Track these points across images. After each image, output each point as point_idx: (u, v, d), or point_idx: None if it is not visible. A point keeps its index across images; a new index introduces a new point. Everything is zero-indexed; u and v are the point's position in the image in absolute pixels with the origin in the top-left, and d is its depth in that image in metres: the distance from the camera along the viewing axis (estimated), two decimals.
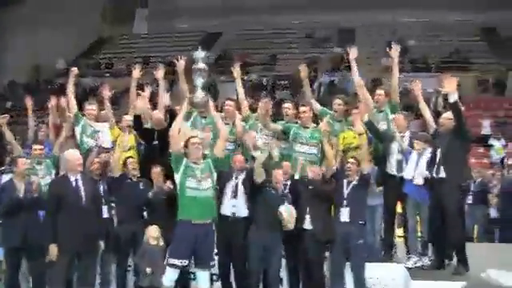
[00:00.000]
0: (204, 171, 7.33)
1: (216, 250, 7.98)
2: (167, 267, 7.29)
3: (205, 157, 7.51)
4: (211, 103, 7.83)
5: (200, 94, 7.59)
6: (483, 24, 28.68)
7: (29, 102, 9.84)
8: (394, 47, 8.85)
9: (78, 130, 9.03)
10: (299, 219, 7.86)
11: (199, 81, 7.58)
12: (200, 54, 7.63)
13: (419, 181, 8.00)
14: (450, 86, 7.58)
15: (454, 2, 28.65)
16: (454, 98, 7.61)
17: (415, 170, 8.02)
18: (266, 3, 31.40)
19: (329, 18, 31.05)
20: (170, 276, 7.27)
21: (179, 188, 7.35)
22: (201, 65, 7.57)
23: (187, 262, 7.28)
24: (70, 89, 9.14)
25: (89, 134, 9.03)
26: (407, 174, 8.09)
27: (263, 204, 7.83)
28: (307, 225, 7.85)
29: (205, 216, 7.29)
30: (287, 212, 7.64)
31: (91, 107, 9.21)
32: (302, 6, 30.83)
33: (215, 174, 7.49)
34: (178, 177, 7.35)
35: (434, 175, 7.82)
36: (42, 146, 8.92)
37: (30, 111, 9.95)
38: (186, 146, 7.37)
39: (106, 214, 8.23)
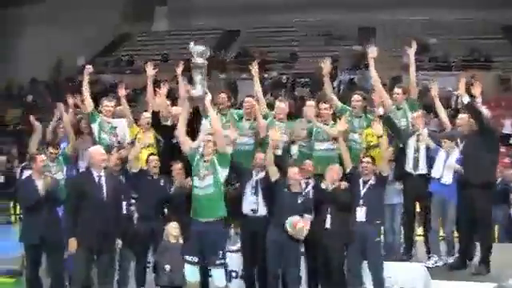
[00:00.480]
0: (208, 169, 7.31)
1: (234, 248, 8.00)
2: (185, 263, 7.31)
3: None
4: (208, 99, 7.76)
5: (198, 90, 7.52)
6: (505, 22, 28.34)
7: (60, 109, 9.69)
8: (411, 44, 8.78)
9: (95, 127, 9.02)
10: (321, 220, 7.84)
11: (197, 76, 7.51)
12: (196, 48, 7.54)
13: (448, 180, 7.92)
14: (462, 87, 7.69)
15: (475, 0, 28.38)
16: (466, 99, 7.60)
17: (444, 169, 7.93)
18: (285, 1, 31.37)
19: (349, 15, 30.93)
20: (188, 271, 7.29)
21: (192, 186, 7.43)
22: (199, 60, 7.50)
23: (197, 258, 7.29)
24: (85, 87, 9.07)
25: (106, 131, 9.04)
26: (435, 172, 8.01)
27: (278, 203, 7.83)
28: (328, 224, 7.81)
29: (207, 215, 7.32)
30: (291, 228, 7.60)
31: (109, 103, 9.22)
32: (322, 3, 30.74)
33: (222, 171, 7.43)
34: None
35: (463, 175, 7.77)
36: (57, 151, 8.92)
37: (55, 117, 9.86)
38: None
39: (125, 210, 8.26)
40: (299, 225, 7.57)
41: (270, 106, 9.22)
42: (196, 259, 7.31)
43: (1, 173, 17.60)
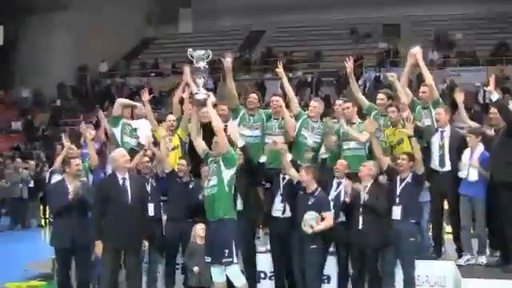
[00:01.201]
0: (212, 169, 7.30)
1: (263, 249, 8.02)
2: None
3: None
4: (210, 102, 7.75)
5: (201, 93, 7.54)
6: None
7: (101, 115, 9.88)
8: (415, 50, 8.71)
9: (117, 131, 9.07)
10: (353, 221, 7.80)
11: (199, 80, 7.56)
12: (196, 52, 7.60)
13: (473, 177, 7.82)
14: (492, 84, 7.57)
15: None
16: (494, 97, 7.52)
17: (469, 167, 7.84)
18: (309, 0, 31.35)
19: (373, 13, 30.80)
20: (215, 272, 7.28)
21: None
22: (201, 64, 7.54)
23: (210, 258, 7.27)
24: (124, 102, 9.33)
25: (129, 134, 9.10)
26: (461, 172, 7.93)
27: (295, 205, 7.84)
28: (360, 225, 7.76)
29: (211, 214, 7.25)
30: (303, 222, 7.60)
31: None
32: (346, 1, 30.65)
33: (226, 171, 7.25)
34: None
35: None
36: (80, 162, 9.02)
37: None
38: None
39: (152, 213, 8.31)
40: (307, 221, 7.55)
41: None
42: (209, 259, 7.30)
43: (30, 177, 17.83)
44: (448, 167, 8.07)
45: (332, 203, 7.86)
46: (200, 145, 7.58)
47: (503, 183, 7.50)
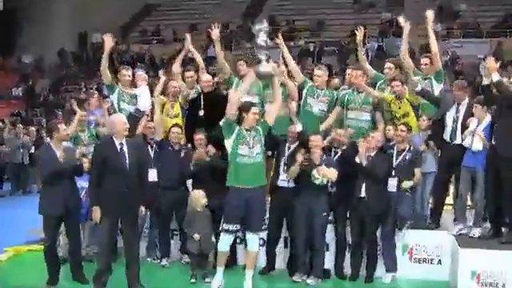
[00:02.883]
0: (255, 138, 7.31)
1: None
2: (221, 233, 7.34)
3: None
4: (280, 70, 7.75)
5: (264, 66, 7.46)
6: None
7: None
8: (428, 13, 8.64)
9: (114, 97, 9.03)
10: (352, 189, 7.86)
11: (262, 56, 7.45)
12: (260, 26, 7.50)
13: (477, 146, 7.79)
14: (492, 66, 7.45)
15: None
16: (495, 77, 7.43)
17: (473, 137, 7.82)
18: None
19: None
20: (225, 241, 7.32)
21: (231, 154, 7.31)
22: (261, 39, 7.43)
23: (239, 226, 7.35)
24: (104, 59, 8.90)
25: (127, 101, 9.04)
26: (466, 141, 7.91)
27: (301, 171, 7.81)
28: (363, 193, 7.81)
29: (255, 181, 7.28)
30: (320, 174, 7.64)
31: (127, 73, 9.19)
32: None
33: (263, 139, 7.42)
34: (229, 143, 7.29)
35: (493, 142, 7.63)
36: (85, 113, 9.06)
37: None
38: (242, 112, 7.32)
39: (155, 178, 8.42)
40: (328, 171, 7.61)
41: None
42: (238, 227, 7.33)
43: (31, 143, 17.84)
44: (459, 140, 8.05)
45: None
46: (235, 109, 7.29)
47: (502, 155, 7.49)
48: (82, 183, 8.13)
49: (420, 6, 28.59)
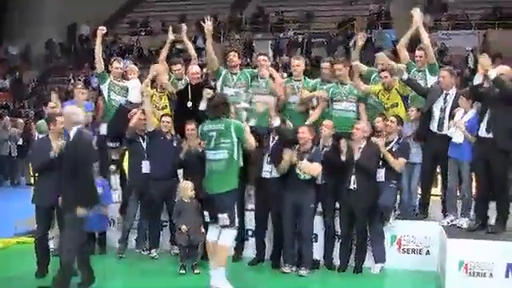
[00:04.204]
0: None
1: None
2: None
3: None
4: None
5: (276, 120, 7.90)
6: None
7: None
8: (415, 11, 8.67)
9: (104, 87, 9.11)
10: (342, 181, 7.89)
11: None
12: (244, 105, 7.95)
13: (457, 138, 7.83)
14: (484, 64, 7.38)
15: None
16: (493, 74, 7.30)
17: (455, 128, 7.83)
18: None
19: None
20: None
21: None
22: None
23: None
24: (98, 48, 9.11)
25: (117, 92, 9.09)
26: (449, 131, 7.92)
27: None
28: (352, 185, 7.84)
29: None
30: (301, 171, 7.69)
31: (118, 65, 9.24)
32: None
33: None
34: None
35: (481, 134, 7.61)
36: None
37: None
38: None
39: (146, 170, 8.46)
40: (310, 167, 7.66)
41: (287, 66, 9.19)
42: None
43: (19, 135, 17.75)
44: (446, 131, 8.06)
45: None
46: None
47: (493, 147, 7.48)
48: None
49: None
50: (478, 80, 7.58)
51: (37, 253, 7.43)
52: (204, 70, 9.32)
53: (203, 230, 7.67)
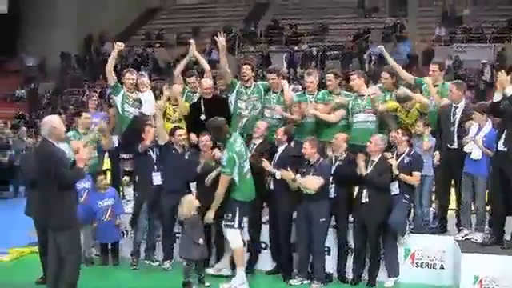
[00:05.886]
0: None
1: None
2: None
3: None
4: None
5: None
6: None
7: None
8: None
9: (118, 99, 9.11)
10: (358, 194, 7.88)
11: None
12: None
13: (476, 155, 7.76)
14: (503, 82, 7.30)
15: None
16: (510, 91, 7.25)
17: (473, 143, 7.77)
18: None
19: None
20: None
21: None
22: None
23: None
24: (111, 60, 9.15)
25: (131, 104, 9.11)
26: (466, 147, 7.86)
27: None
28: (364, 199, 7.81)
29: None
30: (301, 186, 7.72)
31: (131, 76, 9.26)
32: None
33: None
34: None
35: (499, 148, 7.55)
36: (90, 115, 9.13)
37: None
38: None
39: (159, 182, 8.50)
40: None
41: (301, 79, 9.20)
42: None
43: (34, 146, 17.83)
44: (455, 145, 8.02)
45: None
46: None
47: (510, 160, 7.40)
48: (83, 184, 8.20)
49: (422, 11, 28.82)
50: (497, 97, 7.52)
51: (41, 261, 7.37)
52: (218, 83, 9.34)
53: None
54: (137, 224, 8.68)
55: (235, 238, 7.71)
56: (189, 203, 7.79)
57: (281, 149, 8.12)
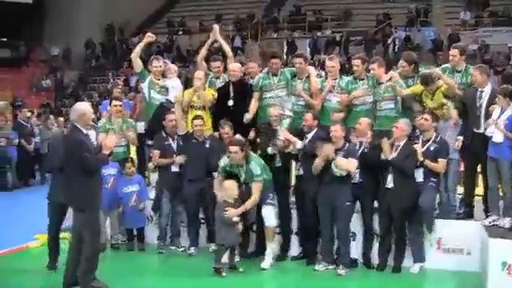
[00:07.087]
0: None
1: None
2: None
3: None
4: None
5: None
6: None
7: None
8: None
9: (144, 85, 9.23)
10: (383, 180, 7.83)
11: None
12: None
13: (497, 138, 7.67)
14: None
15: None
16: None
17: (494, 127, 7.67)
18: None
19: None
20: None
21: None
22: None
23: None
24: (138, 49, 9.32)
25: (158, 91, 9.19)
26: (488, 131, 7.77)
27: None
28: (389, 184, 7.76)
29: None
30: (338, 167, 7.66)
31: (158, 64, 9.31)
32: None
33: None
34: None
35: None
36: (121, 103, 9.22)
37: None
38: None
39: (175, 169, 8.62)
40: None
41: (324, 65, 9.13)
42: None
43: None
44: (482, 129, 7.94)
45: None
46: None
47: None
48: (110, 170, 8.27)
49: None
50: None
51: (49, 247, 7.64)
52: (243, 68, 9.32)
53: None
54: (160, 209, 8.76)
55: (273, 215, 8.01)
56: (229, 190, 7.80)
57: (311, 134, 8.10)
